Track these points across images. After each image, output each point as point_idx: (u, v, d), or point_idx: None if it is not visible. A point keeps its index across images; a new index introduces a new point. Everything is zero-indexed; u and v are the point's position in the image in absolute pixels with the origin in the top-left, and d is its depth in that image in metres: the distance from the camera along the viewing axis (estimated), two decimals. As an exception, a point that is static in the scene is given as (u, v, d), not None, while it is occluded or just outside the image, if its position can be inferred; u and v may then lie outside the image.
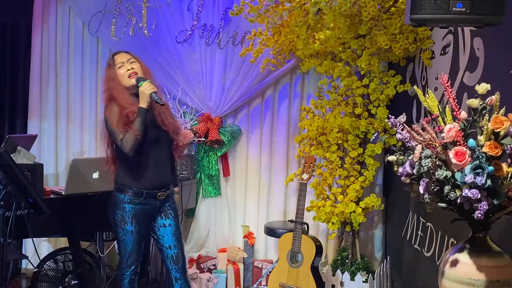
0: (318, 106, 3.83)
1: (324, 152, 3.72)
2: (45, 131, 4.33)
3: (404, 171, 1.73)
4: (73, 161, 3.19)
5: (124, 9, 4.19)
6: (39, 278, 3.44)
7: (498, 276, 1.66)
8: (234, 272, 4.03)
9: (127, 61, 2.76)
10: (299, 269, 3.40)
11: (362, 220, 3.59)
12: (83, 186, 3.19)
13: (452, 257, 1.76)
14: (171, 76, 4.17)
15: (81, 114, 4.36)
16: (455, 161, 1.57)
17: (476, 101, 1.67)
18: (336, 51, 3.56)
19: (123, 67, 2.74)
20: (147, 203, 2.73)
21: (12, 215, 2.61)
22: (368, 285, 3.52)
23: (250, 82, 4.06)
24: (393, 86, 3.49)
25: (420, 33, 3.17)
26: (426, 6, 1.82)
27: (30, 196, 2.59)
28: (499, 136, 1.61)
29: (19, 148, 3.50)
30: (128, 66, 2.75)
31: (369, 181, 3.61)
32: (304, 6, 3.43)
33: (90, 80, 4.35)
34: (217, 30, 4.13)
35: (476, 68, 2.34)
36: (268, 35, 3.74)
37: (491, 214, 1.67)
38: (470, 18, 1.82)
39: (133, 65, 2.75)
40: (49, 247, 4.15)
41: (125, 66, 2.75)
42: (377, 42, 3.28)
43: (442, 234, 2.70)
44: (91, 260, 3.60)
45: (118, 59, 2.77)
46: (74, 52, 4.34)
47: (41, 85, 4.32)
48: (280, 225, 3.93)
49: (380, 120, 3.51)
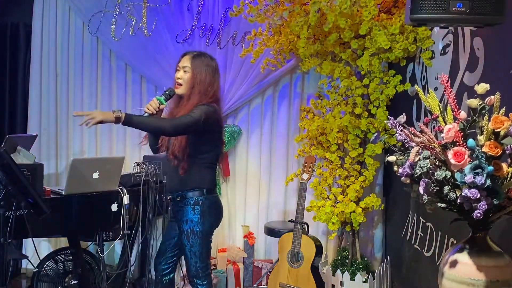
0: (318, 106, 3.83)
1: (324, 152, 3.72)
2: (45, 131, 4.33)
3: (404, 172, 1.73)
4: (73, 161, 3.18)
5: (124, 9, 4.19)
6: (39, 278, 3.44)
7: (498, 276, 1.66)
8: (234, 272, 4.03)
9: (183, 67, 2.73)
10: (299, 269, 3.40)
11: (362, 220, 3.59)
12: (83, 186, 3.19)
13: (452, 257, 1.76)
14: (171, 76, 4.14)
15: (81, 114, 4.36)
16: (454, 161, 1.57)
17: (476, 101, 1.67)
18: (336, 51, 3.56)
19: (178, 72, 2.75)
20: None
21: (12, 215, 2.61)
22: (368, 285, 3.52)
23: (250, 82, 4.06)
24: (393, 86, 3.49)
25: (420, 33, 3.17)
26: (426, 6, 1.82)
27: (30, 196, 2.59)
28: (499, 136, 1.61)
29: (19, 148, 3.50)
30: (179, 74, 2.74)
31: (369, 181, 3.61)
32: (304, 6, 3.44)
33: (90, 80, 4.36)
34: (217, 30, 4.13)
35: (476, 68, 2.34)
36: (268, 35, 3.74)
37: (491, 214, 1.67)
38: (470, 18, 1.81)
39: (185, 75, 2.72)
40: (49, 247, 4.15)
41: (179, 72, 2.74)
42: (377, 42, 3.28)
43: (442, 234, 2.70)
44: (91, 260, 3.60)
45: (181, 62, 2.76)
46: (74, 52, 4.34)
47: (41, 85, 4.32)
48: (280, 225, 3.92)
49: (380, 120, 3.51)
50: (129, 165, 4.14)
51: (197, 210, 2.72)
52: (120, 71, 4.34)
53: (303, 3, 3.48)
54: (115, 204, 3.28)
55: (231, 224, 4.27)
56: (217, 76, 2.77)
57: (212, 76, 2.73)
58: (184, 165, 2.69)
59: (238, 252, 4.13)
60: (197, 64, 2.71)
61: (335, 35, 3.39)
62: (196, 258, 2.75)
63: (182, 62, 2.74)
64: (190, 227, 2.72)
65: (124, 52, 4.24)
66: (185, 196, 2.74)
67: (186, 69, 2.72)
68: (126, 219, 3.29)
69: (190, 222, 2.72)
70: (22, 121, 4.40)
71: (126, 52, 4.23)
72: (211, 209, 2.77)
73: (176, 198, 2.77)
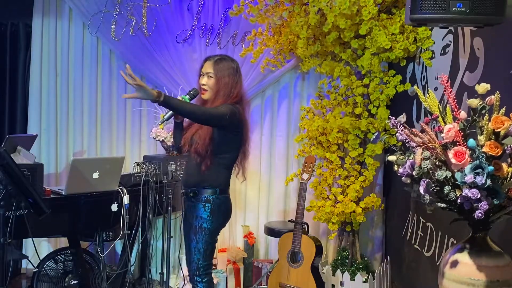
0: (318, 106, 3.83)
1: (324, 152, 3.72)
2: (45, 131, 4.33)
3: (405, 172, 1.73)
4: (73, 161, 3.19)
5: (124, 9, 4.19)
6: (39, 278, 3.44)
7: (498, 276, 1.66)
8: (234, 272, 4.03)
9: (206, 73, 2.80)
10: (299, 269, 3.40)
11: (362, 220, 3.59)
12: (83, 186, 3.19)
13: (452, 257, 1.76)
14: (171, 76, 4.18)
15: (81, 114, 4.36)
16: (455, 161, 1.57)
17: (476, 101, 1.67)
18: (336, 51, 3.56)
19: (202, 78, 2.82)
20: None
21: (12, 215, 2.61)
22: (368, 285, 3.52)
23: (250, 82, 4.06)
24: (393, 86, 3.49)
25: (420, 33, 3.17)
26: (426, 6, 1.82)
27: (30, 196, 2.59)
28: (499, 136, 1.61)
29: (19, 148, 3.50)
30: (204, 80, 2.80)
31: (369, 181, 3.61)
32: (304, 6, 3.44)
33: (90, 80, 4.36)
34: (217, 30, 4.13)
35: (476, 68, 2.34)
36: (268, 35, 3.75)
37: (491, 214, 1.67)
38: (470, 18, 1.81)
39: (209, 80, 2.79)
40: (49, 247, 4.15)
41: (203, 78, 2.81)
42: (377, 42, 3.28)
43: (442, 234, 2.70)
44: (91, 260, 3.60)
45: (203, 68, 2.83)
46: (74, 52, 4.34)
47: (41, 85, 4.32)
48: (280, 225, 3.93)
49: (380, 120, 3.51)
50: (129, 165, 4.14)
51: (208, 207, 2.78)
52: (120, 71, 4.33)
53: (303, 3, 3.48)
54: (115, 204, 3.29)
55: (231, 224, 4.27)
56: (239, 77, 2.86)
57: (235, 78, 2.82)
58: (207, 162, 2.78)
59: (238, 252, 4.13)
60: (219, 69, 2.79)
61: (335, 34, 3.39)
62: (200, 255, 2.80)
63: (205, 68, 2.82)
64: (199, 223, 2.78)
65: (124, 52, 4.24)
66: (198, 192, 2.80)
67: (210, 75, 2.79)
68: (126, 219, 3.30)
69: (199, 218, 2.78)
70: (22, 121, 4.40)
71: (126, 52, 4.24)
72: (220, 209, 2.82)
73: (190, 193, 2.83)
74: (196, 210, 2.80)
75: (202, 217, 2.78)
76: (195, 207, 2.81)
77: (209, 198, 2.79)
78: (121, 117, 4.36)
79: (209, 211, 2.78)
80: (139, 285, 3.94)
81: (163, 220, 3.64)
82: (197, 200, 2.80)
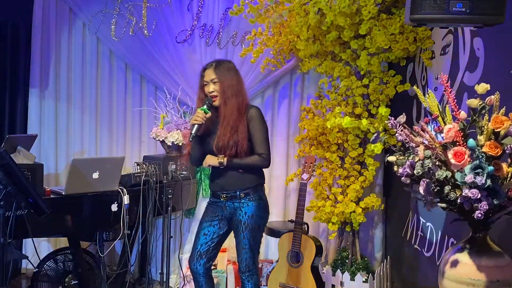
0: (318, 106, 3.83)
1: (324, 152, 3.72)
2: (45, 131, 4.33)
3: (404, 172, 1.73)
4: (73, 161, 3.19)
5: (124, 9, 4.19)
6: (39, 278, 3.45)
7: (498, 276, 1.66)
8: (234, 272, 4.03)
9: (211, 80, 2.85)
10: (299, 269, 3.40)
11: (362, 220, 3.59)
12: (83, 186, 3.19)
13: (452, 257, 1.76)
14: (171, 76, 4.17)
15: (81, 114, 4.37)
16: (454, 161, 1.57)
17: (476, 101, 1.67)
18: (336, 51, 3.56)
19: (208, 86, 2.86)
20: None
21: (12, 215, 2.61)
22: (368, 285, 3.52)
23: (250, 82, 4.05)
24: (393, 86, 3.49)
25: (420, 33, 3.17)
26: (426, 6, 1.83)
27: (30, 196, 2.59)
28: (499, 136, 1.61)
29: (19, 148, 3.50)
30: (211, 88, 2.85)
31: (369, 181, 3.61)
32: (304, 6, 3.44)
33: (90, 80, 4.36)
34: (217, 30, 4.13)
35: (476, 68, 2.34)
36: (268, 35, 3.74)
37: (491, 214, 1.67)
38: (470, 18, 1.82)
39: (216, 86, 2.84)
40: (49, 247, 4.15)
41: (210, 86, 2.85)
42: (377, 42, 3.28)
43: (442, 234, 2.70)
44: (91, 260, 3.60)
45: (205, 77, 2.88)
46: (74, 52, 4.34)
47: (41, 85, 4.32)
48: (280, 225, 3.92)
49: (380, 120, 3.50)
50: (129, 165, 4.14)
51: (261, 205, 2.92)
52: (120, 71, 4.35)
53: (303, 3, 3.48)
54: (115, 204, 3.29)
55: (231, 224, 4.26)
56: (239, 74, 2.96)
57: (237, 76, 2.92)
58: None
59: (238, 252, 4.12)
60: (221, 72, 2.86)
61: (335, 34, 3.39)
62: (252, 253, 2.91)
63: (208, 76, 2.87)
64: (256, 221, 2.88)
65: (124, 52, 4.24)
66: (250, 192, 2.88)
67: (215, 80, 2.85)
68: (126, 219, 3.30)
69: (256, 217, 2.88)
70: (22, 121, 4.40)
71: (126, 52, 4.24)
72: (266, 204, 2.97)
73: (240, 195, 2.88)
74: (250, 208, 2.87)
75: (258, 215, 2.89)
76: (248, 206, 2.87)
77: (261, 196, 2.92)
78: (121, 117, 4.36)
79: (263, 208, 2.91)
80: (139, 285, 3.94)
81: (163, 220, 3.64)
82: (250, 200, 2.88)
